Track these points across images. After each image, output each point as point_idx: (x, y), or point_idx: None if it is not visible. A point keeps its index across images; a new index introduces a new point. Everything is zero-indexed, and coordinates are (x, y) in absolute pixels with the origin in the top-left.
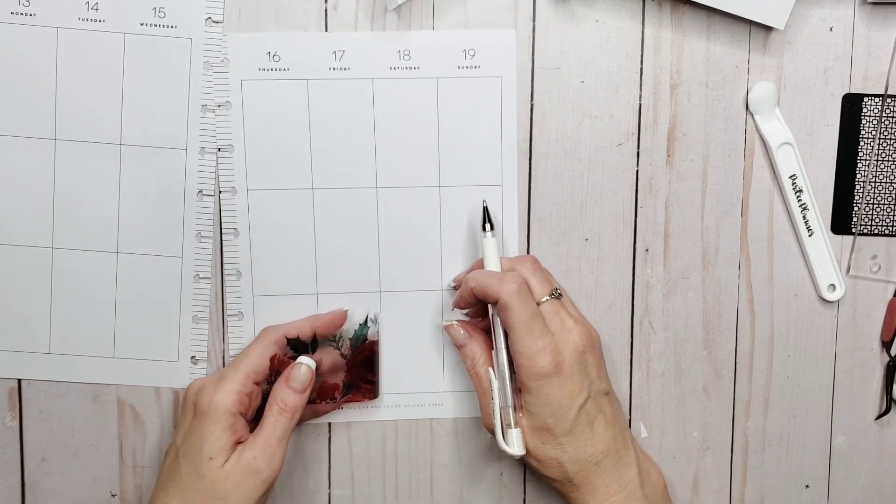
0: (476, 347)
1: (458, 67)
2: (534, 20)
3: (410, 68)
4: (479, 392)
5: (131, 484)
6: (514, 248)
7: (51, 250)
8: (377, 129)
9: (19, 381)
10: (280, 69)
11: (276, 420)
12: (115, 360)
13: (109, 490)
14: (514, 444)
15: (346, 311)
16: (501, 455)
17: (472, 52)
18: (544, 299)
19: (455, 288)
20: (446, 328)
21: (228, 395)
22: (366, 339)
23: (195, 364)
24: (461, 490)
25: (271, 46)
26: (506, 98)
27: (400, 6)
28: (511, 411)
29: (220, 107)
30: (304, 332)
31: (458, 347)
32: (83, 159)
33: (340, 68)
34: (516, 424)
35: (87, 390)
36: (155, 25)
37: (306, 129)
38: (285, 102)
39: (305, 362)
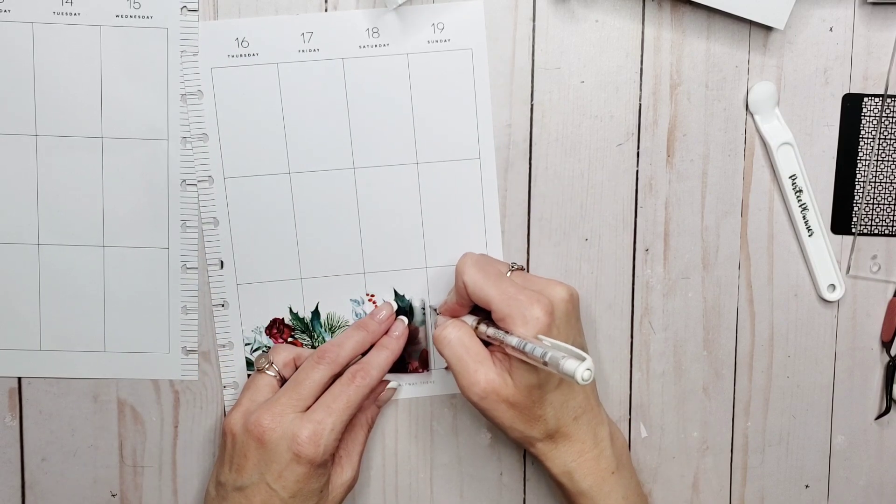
0: (458, 322)
1: (428, 42)
2: (534, 20)
3: (380, 46)
4: (461, 362)
5: (131, 484)
6: (496, 225)
7: (37, 246)
8: (351, 110)
9: (19, 381)
10: (249, 55)
11: (365, 435)
12: (107, 354)
13: (109, 490)
14: (578, 369)
15: (395, 387)
16: (501, 455)
17: (441, 26)
18: (507, 273)
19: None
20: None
21: (334, 443)
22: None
23: (187, 355)
24: (461, 490)
25: (239, 32)
26: (478, 70)
27: (400, 6)
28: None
29: (193, 96)
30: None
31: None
32: (65, 154)
33: (310, 50)
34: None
35: (87, 390)
36: (130, 17)
37: (279, 114)
38: (257, 88)
39: (393, 385)
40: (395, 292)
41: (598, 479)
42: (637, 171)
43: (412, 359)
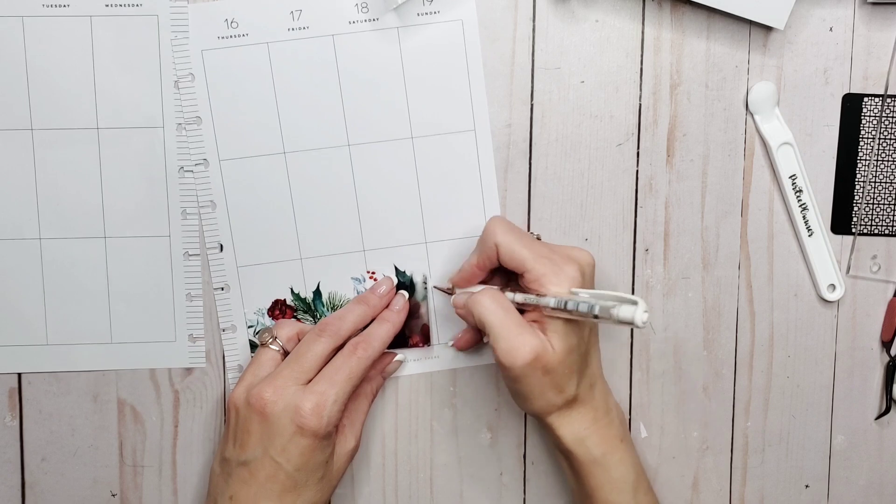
0: (490, 288)
1: (418, 14)
2: (534, 20)
3: (369, 20)
4: (504, 327)
5: (131, 484)
6: (494, 196)
7: (38, 241)
8: (343, 87)
9: (20, 381)
10: (239, 35)
11: (368, 405)
12: (114, 345)
13: (109, 490)
14: (637, 312)
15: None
16: (501, 455)
17: None
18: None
19: (448, 291)
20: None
21: (337, 414)
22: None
23: (193, 342)
24: (461, 490)
25: (228, 13)
26: (469, 41)
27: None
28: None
29: (184, 80)
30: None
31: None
32: (62, 147)
33: (299, 28)
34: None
35: (87, 389)
36: (120, 6)
37: (271, 94)
38: (248, 68)
39: (400, 358)
40: (396, 268)
41: (610, 446)
42: (637, 171)
43: (413, 333)
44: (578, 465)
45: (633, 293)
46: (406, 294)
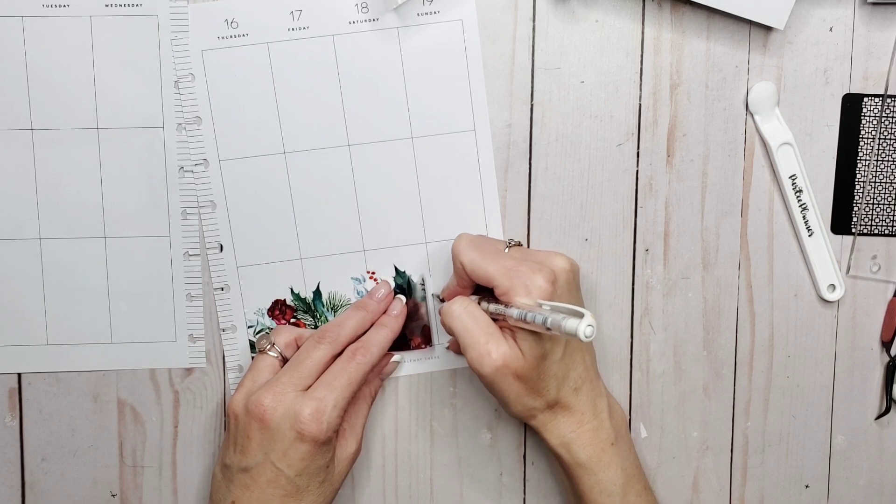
0: (462, 297)
1: (418, 14)
2: (534, 20)
3: (369, 20)
4: (471, 335)
5: (131, 484)
6: (494, 196)
7: (38, 241)
8: (343, 87)
9: (20, 381)
10: (239, 35)
11: (368, 408)
12: (114, 345)
13: (109, 490)
14: (580, 326)
15: (398, 361)
16: (501, 455)
17: None
18: (506, 250)
19: (441, 299)
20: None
21: (337, 420)
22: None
23: (194, 342)
24: (461, 490)
25: (228, 13)
26: (469, 41)
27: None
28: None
29: (184, 80)
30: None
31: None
32: (62, 147)
33: (299, 28)
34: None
35: (87, 390)
36: (120, 6)
37: (272, 94)
38: (248, 69)
39: (397, 359)
40: (396, 268)
41: (596, 450)
42: (637, 171)
43: (414, 335)
44: (566, 468)
45: (632, 293)
46: (403, 298)
